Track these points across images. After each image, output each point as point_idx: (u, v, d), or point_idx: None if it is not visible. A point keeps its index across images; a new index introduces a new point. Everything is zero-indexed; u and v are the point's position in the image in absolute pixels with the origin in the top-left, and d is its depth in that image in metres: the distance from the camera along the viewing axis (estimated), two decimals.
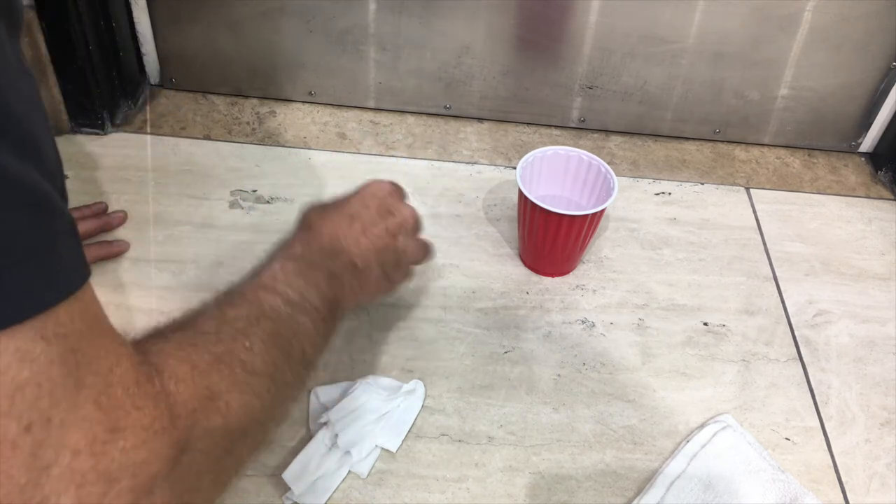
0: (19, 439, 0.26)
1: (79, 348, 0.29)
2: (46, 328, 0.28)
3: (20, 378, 0.26)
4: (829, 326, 0.75)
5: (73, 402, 0.28)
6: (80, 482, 0.28)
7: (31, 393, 0.27)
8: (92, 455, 0.28)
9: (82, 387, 0.28)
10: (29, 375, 0.27)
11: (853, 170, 0.96)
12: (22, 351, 0.26)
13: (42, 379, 0.27)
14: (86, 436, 0.28)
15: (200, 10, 0.89)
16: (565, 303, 0.75)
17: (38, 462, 0.27)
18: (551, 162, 0.77)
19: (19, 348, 0.26)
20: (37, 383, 0.27)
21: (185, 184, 0.82)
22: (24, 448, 0.26)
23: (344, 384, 0.64)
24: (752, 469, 0.61)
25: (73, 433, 0.28)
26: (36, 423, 0.27)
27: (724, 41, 0.88)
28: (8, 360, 0.26)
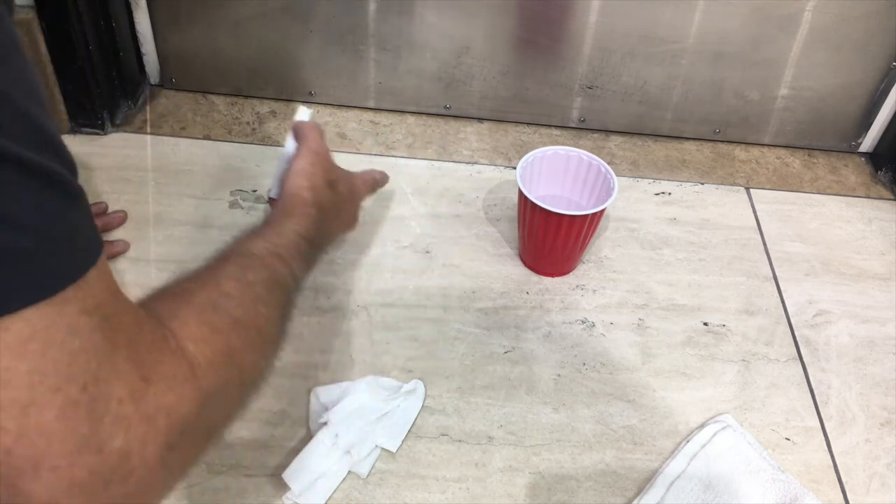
0: (79, 398, 0.31)
1: (110, 315, 0.34)
2: (86, 301, 0.32)
3: (74, 348, 0.31)
4: (829, 326, 0.75)
5: (112, 361, 0.33)
6: (126, 425, 0.33)
7: (83, 359, 0.32)
8: (133, 401, 0.33)
9: (117, 347, 0.33)
10: (79, 345, 0.31)
11: (853, 170, 0.96)
12: (72, 325, 0.31)
13: (89, 346, 0.32)
14: (125, 386, 0.33)
15: (200, 10, 0.89)
16: (565, 303, 0.75)
17: (94, 414, 0.32)
18: (551, 162, 0.77)
19: (70, 324, 0.31)
20: (85, 350, 0.32)
21: (185, 184, 0.82)
22: (83, 405, 0.31)
23: (344, 384, 0.64)
24: (752, 469, 0.61)
25: (115, 386, 0.33)
26: (89, 383, 0.32)
27: (724, 41, 0.88)
28: (62, 335, 0.31)
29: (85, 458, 0.31)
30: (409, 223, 0.81)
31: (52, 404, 0.30)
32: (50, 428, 0.30)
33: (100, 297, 0.33)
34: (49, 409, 0.30)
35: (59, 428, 0.31)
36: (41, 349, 0.30)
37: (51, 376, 0.30)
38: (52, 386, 0.30)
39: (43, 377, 0.30)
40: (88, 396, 0.32)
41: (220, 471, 0.59)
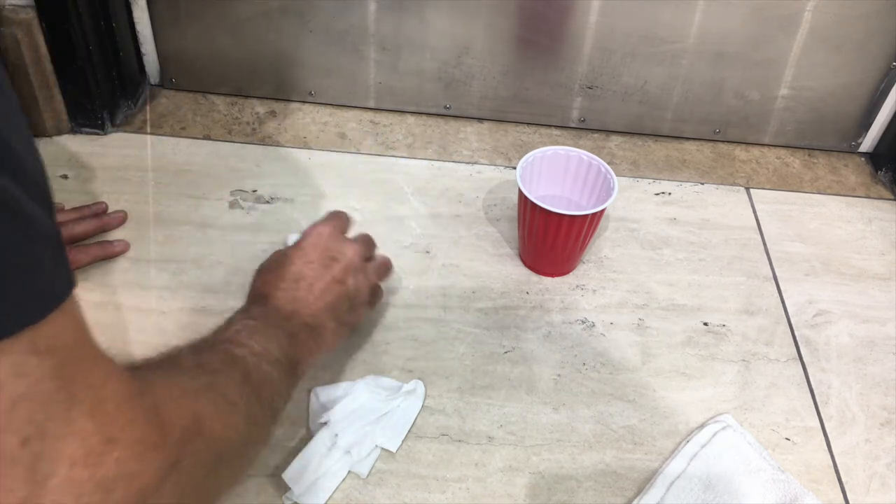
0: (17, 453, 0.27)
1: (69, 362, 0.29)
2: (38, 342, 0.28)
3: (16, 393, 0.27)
4: (829, 326, 0.75)
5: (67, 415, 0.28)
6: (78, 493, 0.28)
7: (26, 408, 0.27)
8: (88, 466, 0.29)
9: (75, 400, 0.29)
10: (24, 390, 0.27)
11: (853, 170, 0.96)
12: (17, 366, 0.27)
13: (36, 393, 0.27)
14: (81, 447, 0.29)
15: (200, 11, 0.89)
16: (565, 303, 0.75)
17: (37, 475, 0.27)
18: (551, 162, 0.77)
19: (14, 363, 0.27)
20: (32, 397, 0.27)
21: (185, 184, 0.82)
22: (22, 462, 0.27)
23: (344, 384, 0.64)
24: (752, 469, 0.61)
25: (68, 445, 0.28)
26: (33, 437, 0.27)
27: (724, 41, 0.88)
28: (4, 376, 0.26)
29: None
30: (409, 223, 0.81)
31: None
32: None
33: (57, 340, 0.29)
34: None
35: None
36: None
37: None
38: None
39: None
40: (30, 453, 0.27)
41: None
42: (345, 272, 0.59)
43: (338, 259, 0.59)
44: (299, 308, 0.56)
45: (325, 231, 0.61)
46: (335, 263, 0.59)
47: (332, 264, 0.59)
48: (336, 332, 0.59)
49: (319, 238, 0.60)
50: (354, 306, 0.61)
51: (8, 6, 0.78)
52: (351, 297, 0.60)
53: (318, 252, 0.59)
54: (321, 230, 0.61)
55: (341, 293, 0.59)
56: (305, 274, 0.57)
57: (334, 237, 0.61)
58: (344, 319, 0.59)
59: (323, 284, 0.58)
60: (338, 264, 0.59)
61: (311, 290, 0.57)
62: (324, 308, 0.57)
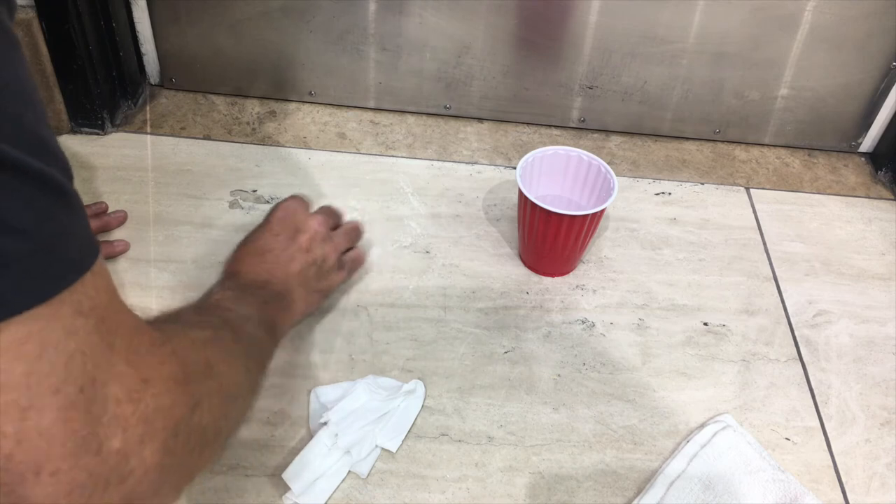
0: (77, 399, 0.31)
1: (107, 317, 0.34)
2: (83, 304, 0.32)
3: (69, 350, 0.31)
4: (829, 326, 0.75)
5: (109, 362, 0.33)
6: (125, 426, 0.33)
7: (79, 360, 0.31)
8: (131, 402, 0.33)
9: (114, 349, 0.33)
10: (75, 346, 0.31)
11: (853, 170, 0.96)
12: (68, 328, 0.31)
13: (85, 347, 0.32)
14: (123, 388, 0.33)
15: (200, 10, 0.89)
16: (565, 303, 0.75)
17: (92, 415, 0.32)
18: (551, 162, 0.77)
19: (65, 326, 0.31)
20: (82, 352, 0.32)
21: (185, 184, 0.82)
22: (81, 406, 0.31)
23: (344, 384, 0.64)
24: (752, 469, 0.61)
25: (113, 387, 0.33)
26: (86, 385, 0.32)
27: (724, 41, 0.88)
28: (58, 337, 0.31)
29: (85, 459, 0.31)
30: (409, 223, 0.81)
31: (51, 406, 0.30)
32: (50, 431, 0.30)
33: (96, 300, 0.33)
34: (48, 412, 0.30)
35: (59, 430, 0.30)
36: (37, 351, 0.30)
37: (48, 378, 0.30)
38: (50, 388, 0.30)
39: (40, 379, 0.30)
40: (86, 398, 0.31)
41: (220, 471, 0.59)
42: (310, 241, 0.64)
43: (302, 230, 0.64)
44: (269, 278, 0.60)
45: (289, 206, 0.66)
46: (300, 234, 0.64)
47: (296, 236, 0.64)
48: (306, 298, 0.63)
49: (285, 212, 0.65)
50: (323, 273, 0.65)
51: None
52: (318, 265, 0.64)
53: (283, 225, 0.64)
54: (286, 205, 0.66)
55: (308, 261, 0.63)
56: (272, 246, 0.62)
57: (298, 211, 0.66)
58: (313, 286, 0.64)
59: (289, 254, 0.62)
60: (303, 235, 0.64)
61: (277, 260, 0.62)
62: (292, 276, 0.62)
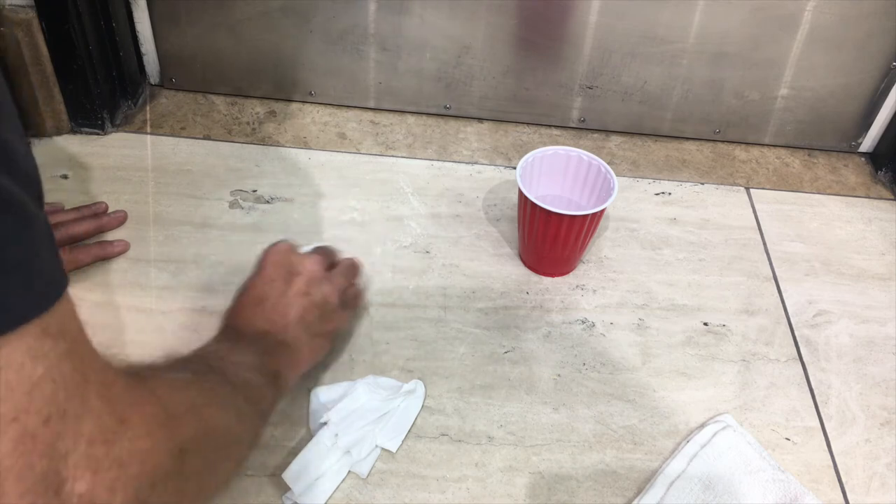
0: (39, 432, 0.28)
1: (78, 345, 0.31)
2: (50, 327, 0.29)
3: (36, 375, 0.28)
4: (829, 326, 0.75)
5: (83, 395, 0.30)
6: (95, 468, 0.30)
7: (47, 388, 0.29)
8: (104, 443, 0.30)
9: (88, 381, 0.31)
10: (43, 372, 0.29)
11: (853, 170, 0.96)
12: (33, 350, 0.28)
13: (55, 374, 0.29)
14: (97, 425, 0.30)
15: (200, 10, 0.89)
16: (565, 303, 0.75)
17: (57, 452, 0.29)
18: (551, 162, 0.77)
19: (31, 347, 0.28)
20: (51, 379, 0.29)
21: (185, 184, 0.82)
22: (44, 440, 0.28)
23: (344, 384, 0.64)
24: (752, 469, 0.61)
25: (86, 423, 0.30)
26: (53, 416, 0.29)
27: (724, 41, 0.88)
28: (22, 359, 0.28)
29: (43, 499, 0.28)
30: (409, 223, 0.81)
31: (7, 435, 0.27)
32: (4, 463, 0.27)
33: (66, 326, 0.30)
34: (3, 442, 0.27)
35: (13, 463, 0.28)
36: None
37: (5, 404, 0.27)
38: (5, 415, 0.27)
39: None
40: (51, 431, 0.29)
41: None
42: (308, 284, 0.60)
43: (299, 272, 0.60)
44: (268, 327, 0.56)
45: (280, 249, 0.61)
46: (296, 277, 0.60)
47: (292, 279, 0.59)
48: (311, 343, 0.59)
49: (276, 255, 0.61)
50: (326, 315, 0.61)
51: (8, 6, 0.78)
52: (319, 307, 0.60)
53: (277, 270, 0.60)
54: (277, 249, 0.61)
55: (308, 305, 0.59)
56: (268, 294, 0.58)
57: (290, 253, 0.61)
58: (317, 330, 0.60)
59: (287, 300, 0.58)
60: (299, 277, 0.60)
61: (276, 308, 0.58)
62: (293, 322, 0.58)
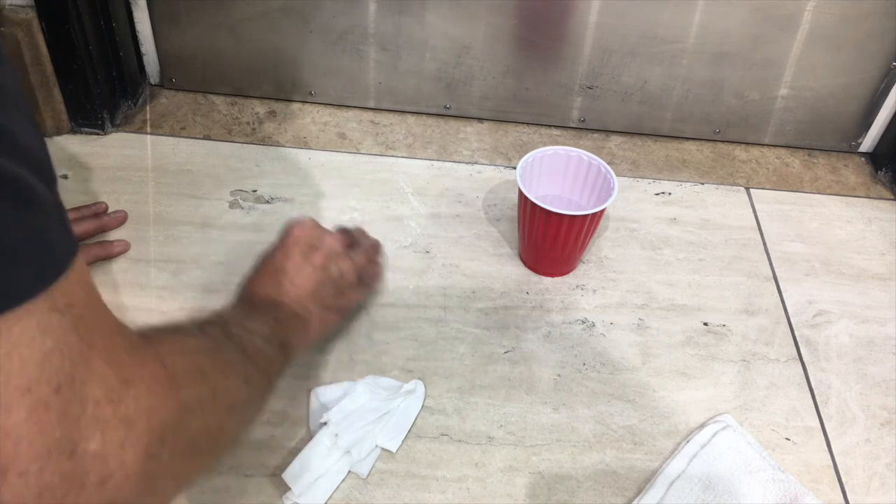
0: (51, 400, 0.30)
1: (84, 315, 0.33)
2: (57, 301, 0.31)
3: (45, 348, 0.30)
4: (829, 326, 0.75)
5: (88, 361, 0.32)
6: (104, 428, 0.32)
7: (56, 359, 0.31)
8: (111, 403, 0.32)
9: (93, 347, 0.33)
10: (52, 345, 0.30)
11: (853, 170, 0.96)
12: (42, 324, 0.30)
13: (62, 346, 0.31)
14: (103, 388, 0.32)
15: (200, 10, 0.89)
16: (565, 303, 0.75)
17: (69, 417, 0.31)
18: (551, 162, 0.77)
19: (40, 322, 0.30)
20: (59, 350, 0.31)
21: (185, 184, 0.82)
22: (56, 407, 0.30)
23: (344, 384, 0.64)
24: (752, 469, 0.61)
25: (92, 387, 0.32)
26: (63, 384, 0.31)
27: (724, 41, 0.88)
28: (32, 335, 0.30)
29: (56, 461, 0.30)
30: (409, 223, 0.81)
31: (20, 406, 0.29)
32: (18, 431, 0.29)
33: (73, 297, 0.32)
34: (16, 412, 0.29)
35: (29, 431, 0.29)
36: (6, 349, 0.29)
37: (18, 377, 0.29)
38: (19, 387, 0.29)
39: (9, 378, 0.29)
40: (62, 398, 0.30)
41: (220, 471, 0.59)
42: (326, 259, 0.61)
43: (317, 247, 0.61)
44: (283, 298, 0.58)
45: (304, 223, 0.63)
46: (315, 252, 0.61)
47: (311, 254, 0.61)
48: (323, 317, 0.60)
49: (298, 230, 0.62)
50: (341, 291, 0.62)
51: (8, 6, 0.78)
52: (335, 282, 0.61)
53: (297, 245, 0.61)
54: (301, 223, 0.63)
55: (323, 279, 0.60)
56: (286, 266, 0.59)
57: (312, 228, 0.63)
58: (330, 304, 0.61)
59: (304, 273, 0.59)
60: (318, 252, 0.61)
61: (292, 280, 0.59)
62: (307, 295, 0.59)
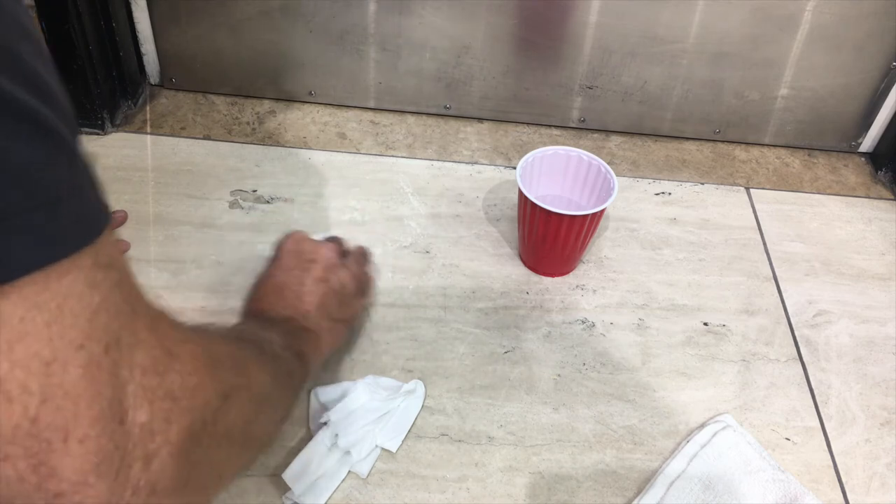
0: (102, 359, 0.29)
1: (125, 277, 0.32)
2: (100, 257, 0.30)
3: (94, 303, 0.29)
4: (829, 326, 0.75)
5: (133, 327, 0.31)
6: (151, 398, 0.31)
7: (104, 317, 0.29)
8: (156, 374, 0.31)
9: (137, 313, 0.31)
10: (100, 301, 0.29)
11: (853, 170, 0.96)
12: (89, 279, 0.29)
13: (109, 304, 0.30)
14: (149, 356, 0.31)
15: (200, 10, 0.89)
16: (565, 303, 0.75)
17: (118, 379, 0.29)
18: (551, 162, 0.77)
19: (87, 276, 0.29)
20: (106, 308, 0.29)
21: (185, 184, 0.82)
22: (107, 367, 0.29)
23: (344, 384, 0.64)
24: (752, 469, 0.61)
25: (138, 354, 0.31)
26: (112, 345, 0.29)
27: (724, 41, 0.88)
28: (81, 289, 0.28)
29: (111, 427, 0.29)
30: (409, 223, 0.81)
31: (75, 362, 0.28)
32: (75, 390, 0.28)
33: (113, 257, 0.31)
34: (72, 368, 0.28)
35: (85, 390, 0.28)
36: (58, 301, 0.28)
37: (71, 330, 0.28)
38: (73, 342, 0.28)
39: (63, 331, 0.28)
40: (111, 359, 0.29)
41: None
42: (325, 271, 0.61)
43: (315, 260, 0.61)
44: (290, 314, 0.57)
45: (295, 237, 0.63)
46: (313, 265, 0.61)
47: (310, 266, 0.60)
48: (332, 330, 0.60)
49: (292, 244, 0.62)
50: (344, 301, 0.62)
51: None
52: (338, 293, 0.61)
53: (294, 259, 0.61)
54: (292, 237, 0.63)
55: (327, 291, 0.60)
56: (288, 282, 0.59)
57: (306, 241, 0.63)
58: (336, 316, 0.61)
59: (307, 287, 0.59)
60: (316, 265, 0.61)
61: (297, 295, 0.58)
62: (313, 308, 0.58)
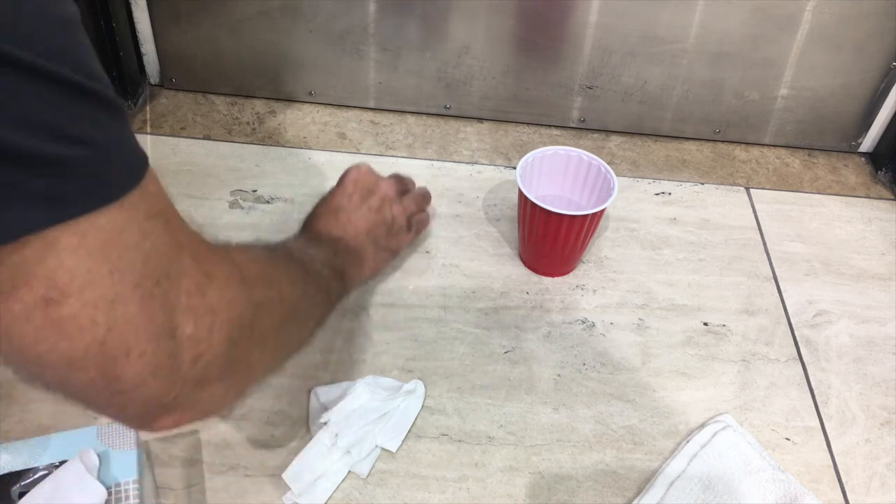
0: (155, 292, 0.35)
1: (171, 218, 0.37)
2: (152, 206, 0.35)
3: (146, 249, 0.35)
4: (829, 326, 0.75)
5: (178, 260, 0.37)
6: (195, 315, 0.37)
7: (154, 258, 0.35)
8: (199, 294, 0.37)
9: (181, 245, 0.37)
10: (150, 246, 0.35)
11: (853, 170, 0.96)
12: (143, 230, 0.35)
13: (159, 246, 0.36)
14: (192, 281, 0.37)
15: (200, 10, 0.89)
16: (565, 303, 0.75)
17: (168, 304, 0.36)
18: (551, 162, 0.77)
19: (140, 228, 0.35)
20: (156, 250, 0.35)
21: (185, 184, 0.82)
22: (158, 297, 0.35)
23: (344, 384, 0.65)
24: (752, 469, 0.61)
25: (183, 280, 0.37)
26: (162, 278, 0.36)
27: (724, 41, 0.88)
28: (136, 238, 0.34)
29: (164, 343, 0.35)
30: None
31: (133, 299, 0.34)
32: (135, 319, 0.34)
33: (161, 203, 0.37)
34: (131, 303, 0.34)
35: (142, 318, 0.34)
36: (119, 252, 0.34)
37: (129, 274, 0.34)
38: (131, 283, 0.34)
39: (123, 276, 0.34)
40: (162, 290, 0.35)
41: (220, 471, 0.59)
42: (381, 202, 0.69)
43: (374, 192, 0.69)
44: (341, 234, 0.65)
45: (362, 169, 0.70)
46: (371, 195, 0.69)
47: (368, 196, 0.68)
48: (376, 255, 0.68)
49: (357, 174, 0.69)
50: (392, 233, 0.70)
51: None
52: (388, 225, 0.69)
53: (356, 187, 0.68)
54: (358, 168, 0.70)
55: (378, 220, 0.68)
56: (345, 206, 0.67)
57: (370, 174, 0.70)
58: (383, 244, 0.69)
59: (361, 214, 0.67)
60: (374, 196, 0.69)
61: (350, 218, 0.66)
62: (363, 233, 0.66)
